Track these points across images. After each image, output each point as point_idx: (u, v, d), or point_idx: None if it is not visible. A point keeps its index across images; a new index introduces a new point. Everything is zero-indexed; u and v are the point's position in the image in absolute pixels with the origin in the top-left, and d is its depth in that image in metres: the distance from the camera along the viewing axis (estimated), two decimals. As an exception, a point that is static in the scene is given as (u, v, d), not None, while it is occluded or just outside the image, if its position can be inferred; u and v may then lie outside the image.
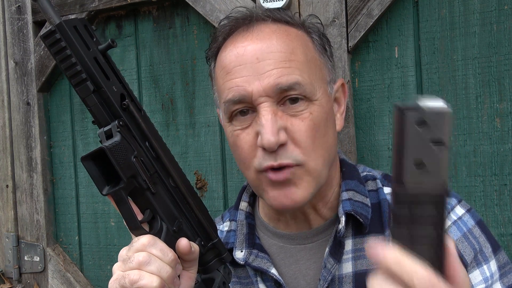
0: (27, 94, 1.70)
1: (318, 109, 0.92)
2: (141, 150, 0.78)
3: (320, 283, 0.94)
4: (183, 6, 1.52)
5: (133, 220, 0.77)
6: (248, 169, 0.94)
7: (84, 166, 0.74)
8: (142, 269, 0.74)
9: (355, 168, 1.06)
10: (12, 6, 1.72)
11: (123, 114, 0.77)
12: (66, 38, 0.73)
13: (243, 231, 1.04)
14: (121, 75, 0.79)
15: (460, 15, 1.23)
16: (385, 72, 1.30)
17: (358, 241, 0.97)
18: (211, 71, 1.04)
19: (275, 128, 0.88)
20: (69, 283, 1.68)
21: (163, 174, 0.82)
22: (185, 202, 0.85)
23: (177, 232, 0.82)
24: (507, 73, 1.19)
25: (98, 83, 0.74)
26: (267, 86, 0.89)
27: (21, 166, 1.73)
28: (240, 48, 0.93)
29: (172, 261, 0.77)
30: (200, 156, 1.52)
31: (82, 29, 0.75)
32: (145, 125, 0.79)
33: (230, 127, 0.96)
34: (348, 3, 1.29)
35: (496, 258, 0.94)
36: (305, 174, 0.91)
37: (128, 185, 0.75)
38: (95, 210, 1.68)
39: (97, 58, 0.75)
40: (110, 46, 0.76)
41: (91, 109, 0.76)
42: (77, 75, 0.74)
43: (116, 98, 0.76)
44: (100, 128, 0.77)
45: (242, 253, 1.01)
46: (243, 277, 1.02)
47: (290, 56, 0.91)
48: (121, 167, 0.73)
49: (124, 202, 0.76)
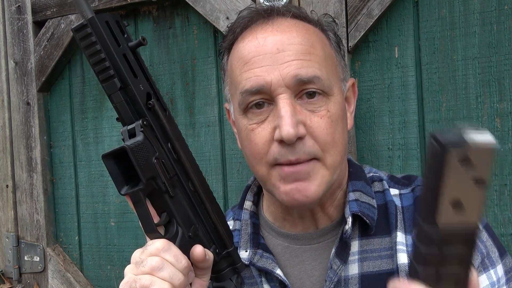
0: (27, 94, 1.70)
1: (335, 106, 0.92)
2: (163, 151, 0.77)
3: (326, 284, 0.93)
4: (183, 6, 1.52)
5: (149, 223, 0.75)
6: (259, 164, 0.93)
7: (104, 164, 0.73)
8: (154, 275, 0.72)
9: (362, 168, 1.05)
10: (12, 6, 1.72)
11: (148, 113, 0.76)
12: (97, 33, 0.72)
13: (248, 231, 1.04)
14: (149, 73, 0.78)
15: (460, 15, 1.23)
16: (385, 72, 1.30)
17: (364, 242, 0.96)
18: (223, 64, 1.03)
19: (294, 120, 0.87)
20: (69, 283, 1.68)
21: (183, 177, 0.80)
22: (203, 207, 0.83)
23: (192, 238, 0.80)
24: (507, 73, 1.19)
25: (125, 80, 0.74)
26: (287, 76, 0.88)
27: (21, 166, 1.73)
28: (260, 38, 0.92)
29: (185, 268, 0.75)
30: (200, 156, 1.52)
31: (113, 25, 0.74)
32: (168, 126, 0.78)
33: (244, 120, 0.94)
34: (348, 3, 1.29)
35: (503, 262, 0.94)
36: (321, 168, 0.90)
37: (147, 186, 0.74)
38: (95, 210, 1.68)
39: (126, 55, 0.75)
40: (141, 43, 0.75)
41: (116, 106, 0.75)
42: (105, 71, 0.73)
43: (142, 97, 0.75)
44: (124, 126, 0.76)
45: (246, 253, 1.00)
46: (247, 277, 1.02)
47: (310, 49, 0.91)
48: (142, 168, 0.72)
49: (142, 204, 0.74)
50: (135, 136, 0.74)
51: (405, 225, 0.96)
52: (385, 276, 0.93)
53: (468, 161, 0.45)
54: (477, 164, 0.45)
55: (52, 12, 1.65)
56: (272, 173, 0.92)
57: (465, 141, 0.44)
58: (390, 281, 0.55)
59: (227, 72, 1.01)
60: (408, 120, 1.28)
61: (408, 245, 0.94)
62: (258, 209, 1.09)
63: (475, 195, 0.47)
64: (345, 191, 1.01)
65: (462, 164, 0.45)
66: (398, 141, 1.29)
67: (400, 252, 0.93)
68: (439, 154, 0.46)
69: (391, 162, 1.29)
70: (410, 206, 0.98)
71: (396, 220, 0.96)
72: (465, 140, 0.44)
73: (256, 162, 0.94)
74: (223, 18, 1.41)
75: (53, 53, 1.66)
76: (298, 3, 1.33)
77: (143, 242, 1.48)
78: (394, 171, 1.28)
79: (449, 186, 0.46)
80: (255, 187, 1.11)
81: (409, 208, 0.98)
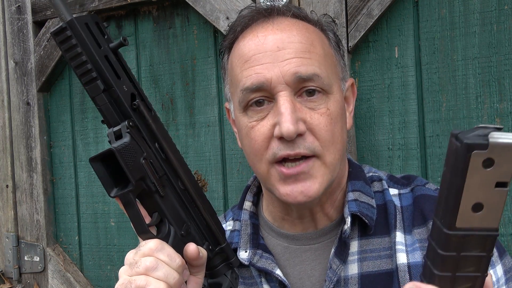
0: (27, 94, 1.70)
1: (334, 104, 0.93)
2: (151, 151, 0.77)
3: (326, 284, 0.94)
4: (183, 6, 1.52)
5: (141, 223, 0.75)
6: (259, 162, 0.93)
7: (92, 167, 0.73)
8: (149, 275, 0.73)
9: (361, 168, 1.06)
10: (12, 6, 1.72)
11: (133, 114, 0.75)
12: (77, 35, 0.71)
13: (247, 231, 1.04)
14: (132, 74, 0.78)
15: (460, 15, 1.23)
16: (385, 72, 1.30)
17: (364, 242, 0.96)
18: (224, 63, 1.03)
19: (294, 117, 0.87)
20: (69, 283, 1.68)
21: (172, 176, 0.80)
22: (194, 205, 0.83)
23: (185, 236, 0.80)
24: (507, 73, 1.19)
25: (108, 82, 0.73)
26: (287, 73, 0.89)
27: (21, 166, 1.73)
28: (261, 37, 0.93)
29: (179, 267, 0.76)
30: (200, 156, 1.52)
31: (93, 27, 0.73)
32: (155, 125, 0.78)
33: (244, 118, 0.95)
34: (348, 3, 1.29)
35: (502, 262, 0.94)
36: (321, 166, 0.90)
37: (137, 188, 0.74)
38: (95, 210, 1.68)
39: (108, 57, 0.74)
40: (122, 44, 0.75)
41: (101, 109, 0.74)
42: (87, 74, 0.72)
43: (126, 98, 0.75)
44: (109, 128, 0.75)
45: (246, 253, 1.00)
46: (247, 277, 1.02)
47: (310, 48, 0.92)
48: (130, 169, 0.72)
49: (132, 205, 0.74)
50: (121, 137, 0.73)
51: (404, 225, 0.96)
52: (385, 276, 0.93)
53: (492, 163, 0.43)
54: (500, 167, 0.43)
55: (52, 12, 1.65)
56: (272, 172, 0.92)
57: (489, 142, 0.43)
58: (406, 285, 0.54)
59: (228, 71, 1.01)
60: (408, 120, 1.28)
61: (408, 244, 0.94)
62: (258, 209, 1.09)
63: (496, 198, 0.46)
64: (345, 191, 1.01)
65: (485, 166, 0.44)
66: (398, 141, 1.29)
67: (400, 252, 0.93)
68: (461, 154, 0.44)
69: (391, 162, 1.29)
70: (410, 206, 0.98)
71: (395, 220, 0.96)
72: (489, 141, 0.43)
73: (256, 159, 0.94)
74: (223, 18, 1.41)
75: (53, 53, 1.66)
76: (298, 3, 1.33)
77: (143, 242, 1.43)
78: (394, 171, 1.28)
79: (471, 188, 0.45)
80: (255, 187, 1.11)
81: (408, 208, 0.98)
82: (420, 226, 0.95)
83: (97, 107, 0.74)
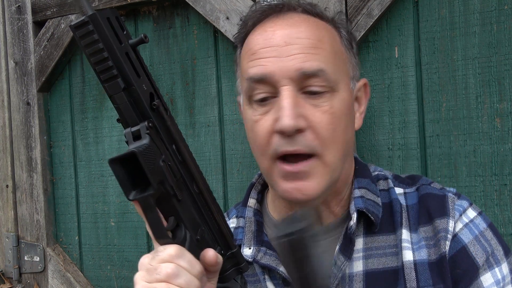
0: (27, 94, 1.70)
1: (339, 103, 0.93)
2: (168, 153, 0.74)
3: (330, 281, 0.94)
4: (183, 6, 1.52)
5: (161, 228, 0.72)
6: (262, 156, 0.94)
7: (111, 168, 0.69)
8: (170, 282, 0.69)
9: (367, 167, 1.06)
10: (12, 6, 1.72)
11: (152, 114, 0.72)
12: (98, 30, 0.67)
13: (252, 228, 1.04)
14: (150, 72, 0.75)
15: (460, 15, 1.23)
16: (385, 72, 1.30)
17: (369, 239, 0.97)
18: (236, 57, 1.05)
19: (295, 112, 0.87)
20: (69, 283, 1.68)
21: (187, 179, 0.78)
22: (207, 208, 0.81)
23: (200, 241, 0.77)
24: (507, 73, 1.19)
25: (129, 80, 0.69)
26: (291, 69, 0.89)
27: (21, 166, 1.73)
28: (269, 32, 0.94)
29: (199, 273, 0.73)
30: (200, 156, 1.52)
31: (114, 22, 0.69)
32: (172, 127, 0.75)
33: (249, 111, 0.96)
34: (348, 3, 1.29)
35: (508, 261, 0.94)
36: (321, 166, 0.91)
37: (158, 191, 0.70)
38: (95, 210, 1.68)
39: (129, 54, 0.70)
40: (142, 41, 0.71)
41: (119, 107, 0.71)
42: (107, 71, 0.68)
43: (145, 97, 0.71)
44: (126, 127, 0.72)
45: (250, 250, 1.01)
46: (250, 274, 1.02)
47: (317, 44, 0.92)
48: (151, 172, 0.68)
49: (152, 209, 0.71)
50: (139, 138, 0.70)
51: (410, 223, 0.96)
52: (390, 274, 0.94)
53: None
54: None
55: (52, 12, 1.65)
56: (274, 168, 0.93)
57: None
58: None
59: (238, 65, 1.03)
60: (408, 120, 1.28)
61: (413, 242, 0.94)
62: (262, 206, 1.10)
63: None
64: (351, 189, 1.01)
65: None
66: (398, 141, 1.29)
67: (406, 250, 0.93)
68: None
69: (391, 162, 1.29)
70: (415, 205, 0.99)
71: (401, 218, 0.97)
72: None
73: (259, 154, 0.95)
74: (223, 18, 1.41)
75: (53, 53, 1.66)
76: (298, 3, 1.33)
77: (143, 242, 1.48)
78: (394, 171, 1.28)
79: None
80: (259, 185, 1.11)
81: (414, 207, 0.98)
82: (425, 224, 0.96)
83: (115, 105, 0.71)
